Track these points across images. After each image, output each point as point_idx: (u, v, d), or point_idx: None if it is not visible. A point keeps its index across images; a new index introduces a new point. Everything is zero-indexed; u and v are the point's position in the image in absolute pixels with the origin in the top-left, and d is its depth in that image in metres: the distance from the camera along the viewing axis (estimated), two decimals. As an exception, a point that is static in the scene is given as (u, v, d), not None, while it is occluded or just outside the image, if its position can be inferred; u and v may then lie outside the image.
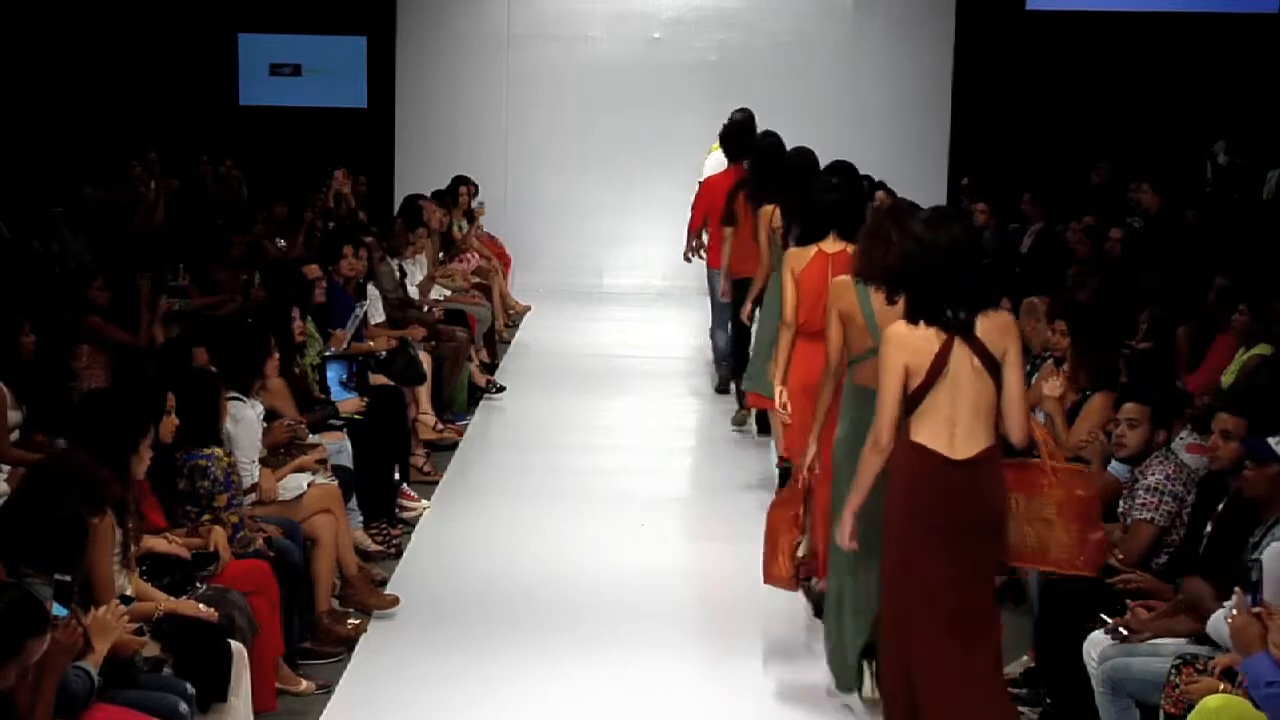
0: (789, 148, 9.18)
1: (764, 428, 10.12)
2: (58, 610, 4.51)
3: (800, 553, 6.56)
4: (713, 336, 11.66)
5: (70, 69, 15.93)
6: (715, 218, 10.69)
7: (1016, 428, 5.13)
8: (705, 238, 11.21)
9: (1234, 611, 4.73)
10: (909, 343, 5.06)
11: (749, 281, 9.53)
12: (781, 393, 7.02)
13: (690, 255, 11.61)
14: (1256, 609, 4.65)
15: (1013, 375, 5.09)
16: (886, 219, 5.89)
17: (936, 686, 5.14)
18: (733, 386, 11.04)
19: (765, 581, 6.70)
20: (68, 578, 4.67)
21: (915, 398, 5.05)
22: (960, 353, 5.04)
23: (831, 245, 6.91)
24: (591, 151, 16.63)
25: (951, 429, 5.05)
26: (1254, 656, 4.49)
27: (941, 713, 5.14)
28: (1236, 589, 4.89)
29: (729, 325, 10.92)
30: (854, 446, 5.54)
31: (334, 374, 8.35)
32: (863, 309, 5.93)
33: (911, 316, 5.10)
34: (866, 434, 5.25)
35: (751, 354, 9.38)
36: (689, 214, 11.55)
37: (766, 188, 9.23)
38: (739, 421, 10.61)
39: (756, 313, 9.37)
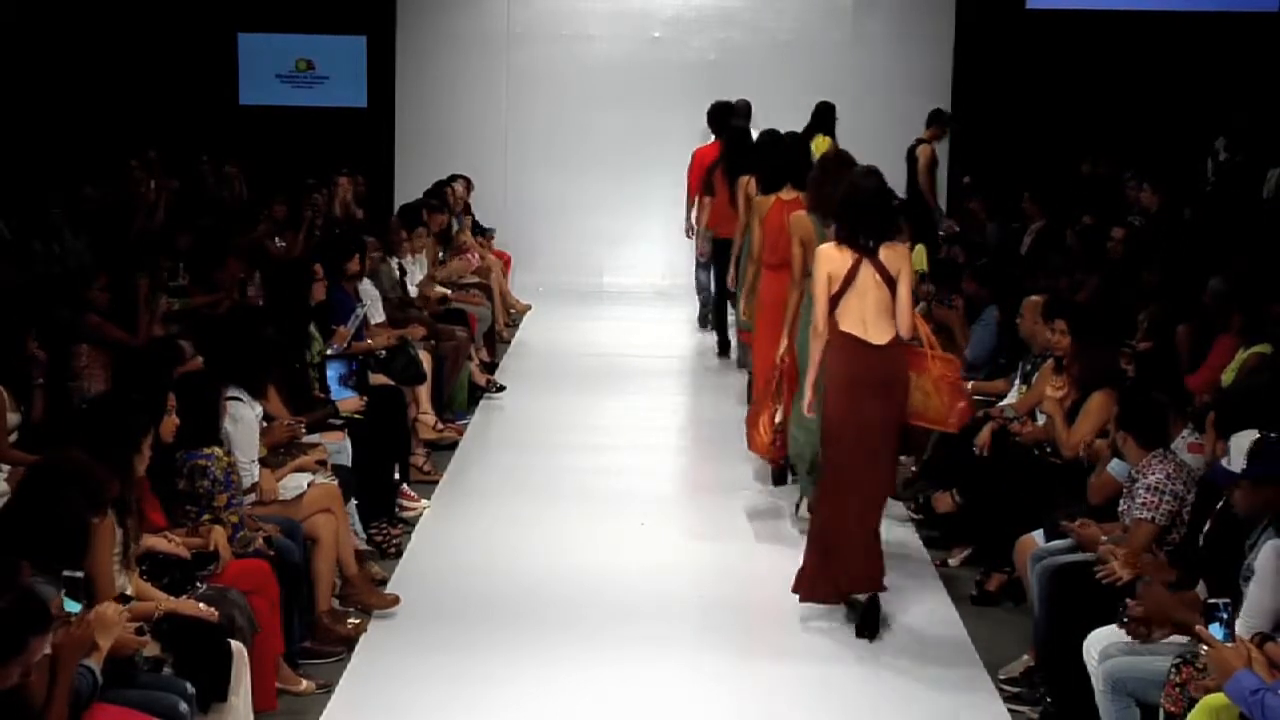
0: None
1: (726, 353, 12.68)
2: (71, 606, 4.52)
3: (777, 419, 8.17)
4: (696, 276, 14.06)
5: (70, 69, 15.93)
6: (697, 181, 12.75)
7: (905, 325, 6.87)
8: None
9: (1204, 648, 4.74)
10: (833, 258, 6.88)
11: (727, 242, 11.20)
12: (744, 308, 9.33)
13: (690, 232, 13.42)
14: (1231, 645, 4.66)
15: (903, 288, 6.84)
16: (832, 164, 7.93)
17: (853, 499, 6.99)
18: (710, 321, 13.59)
19: (749, 448, 8.72)
20: (79, 574, 4.68)
21: (834, 299, 6.84)
22: (866, 269, 6.82)
23: (787, 194, 8.75)
24: (591, 151, 16.63)
25: (864, 323, 6.83)
26: (1233, 677, 4.51)
27: (856, 510, 7.01)
28: (1199, 629, 4.89)
29: (710, 268, 13.05)
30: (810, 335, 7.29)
31: (333, 372, 8.35)
32: (817, 235, 7.58)
33: (838, 239, 6.91)
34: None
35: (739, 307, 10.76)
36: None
37: (739, 161, 10.88)
38: (721, 354, 12.88)
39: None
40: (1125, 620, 5.43)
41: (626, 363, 13.03)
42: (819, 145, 13.95)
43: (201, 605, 5.45)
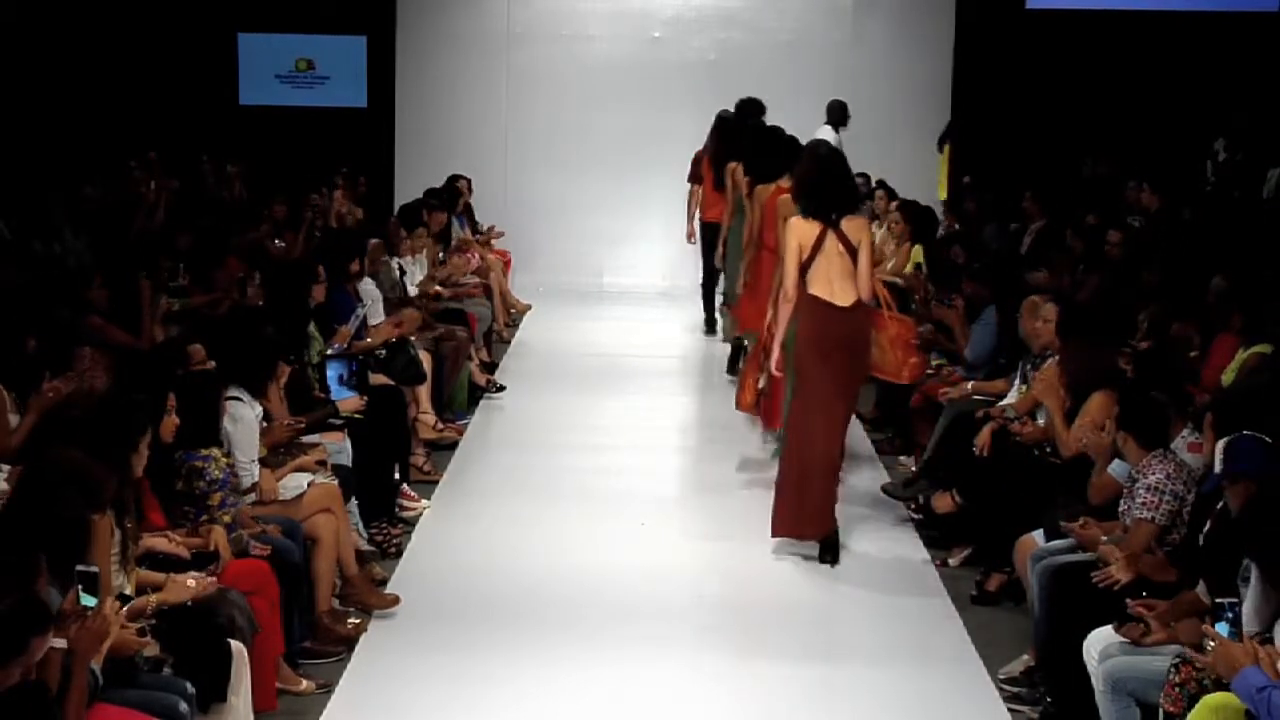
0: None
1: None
2: (87, 600, 4.54)
3: (760, 385, 9.24)
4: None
5: (70, 69, 15.94)
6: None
7: (865, 288, 7.76)
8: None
9: (1210, 644, 4.74)
10: (801, 229, 7.76)
11: (714, 226, 12.36)
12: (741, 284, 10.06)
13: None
14: (1238, 642, 4.66)
15: (863, 255, 7.73)
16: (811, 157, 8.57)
17: (816, 444, 7.85)
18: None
19: (736, 407, 9.82)
20: (94, 568, 4.68)
21: (804, 266, 7.70)
22: (830, 239, 7.72)
23: (786, 182, 9.12)
24: (591, 151, 16.65)
25: (830, 287, 7.71)
26: (1240, 674, 4.51)
27: (818, 457, 7.85)
28: (1205, 628, 4.89)
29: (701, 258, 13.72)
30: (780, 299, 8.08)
31: (333, 372, 8.35)
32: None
33: (804, 213, 7.80)
34: None
35: (725, 283, 12.02)
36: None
37: (726, 149, 11.86)
38: (709, 332, 13.86)
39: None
40: (1125, 617, 5.43)
41: (627, 363, 13.04)
42: (944, 159, 14.66)
43: (191, 581, 5.42)
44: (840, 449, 8.04)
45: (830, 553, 7.90)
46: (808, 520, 7.91)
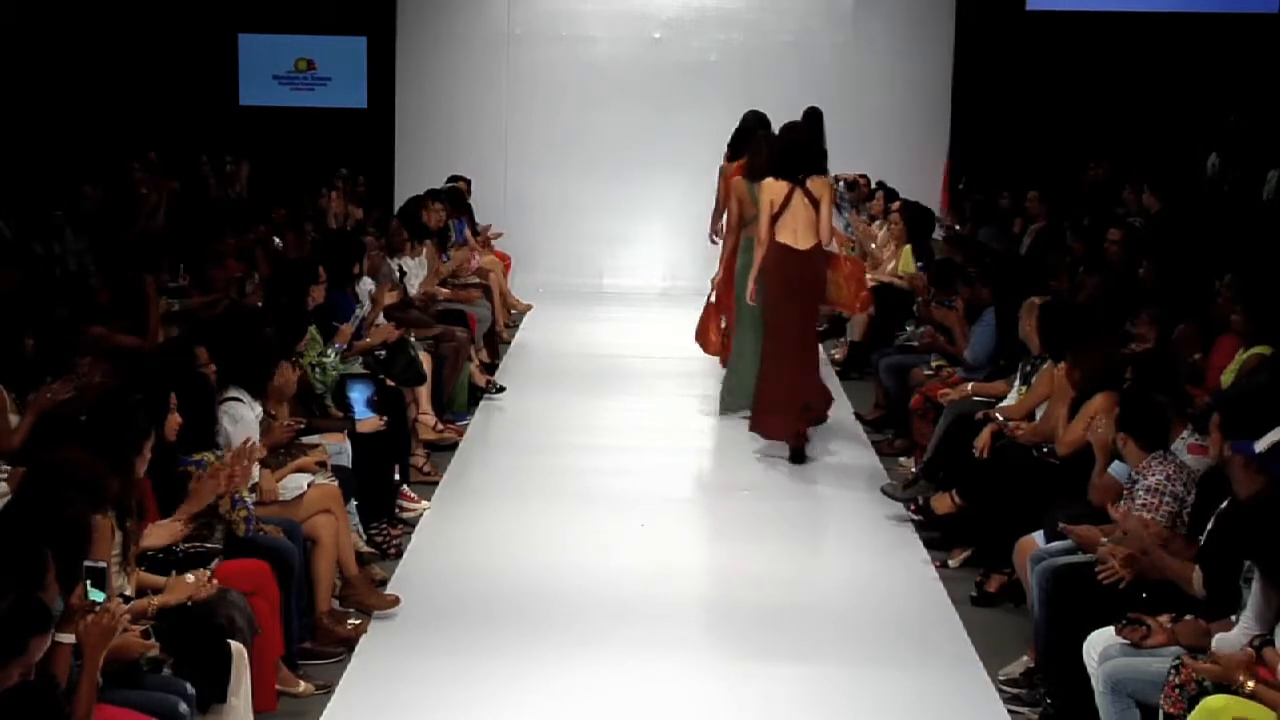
0: None
1: None
2: (95, 595, 4.55)
3: (723, 325, 11.07)
4: None
5: (70, 69, 15.94)
6: None
7: (825, 234, 9.55)
8: None
9: (1250, 684, 4.73)
10: (773, 188, 9.51)
11: None
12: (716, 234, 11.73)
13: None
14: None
15: (824, 208, 9.51)
16: (763, 141, 10.33)
17: (790, 370, 9.59)
18: None
19: (704, 350, 11.57)
20: (102, 563, 4.69)
21: (774, 217, 9.44)
22: (797, 195, 9.47)
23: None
24: (591, 151, 16.65)
25: (794, 234, 9.47)
26: None
27: (795, 381, 9.60)
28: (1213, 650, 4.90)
29: None
30: (745, 264, 10.10)
31: (359, 394, 8.32)
32: (750, 194, 10.18)
33: (776, 175, 9.51)
34: (752, 261, 9.77)
35: None
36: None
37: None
38: None
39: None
40: (1124, 622, 5.43)
41: (627, 364, 13.04)
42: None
43: (190, 577, 5.41)
44: (810, 365, 9.71)
45: (799, 458, 9.63)
46: (780, 426, 9.63)
